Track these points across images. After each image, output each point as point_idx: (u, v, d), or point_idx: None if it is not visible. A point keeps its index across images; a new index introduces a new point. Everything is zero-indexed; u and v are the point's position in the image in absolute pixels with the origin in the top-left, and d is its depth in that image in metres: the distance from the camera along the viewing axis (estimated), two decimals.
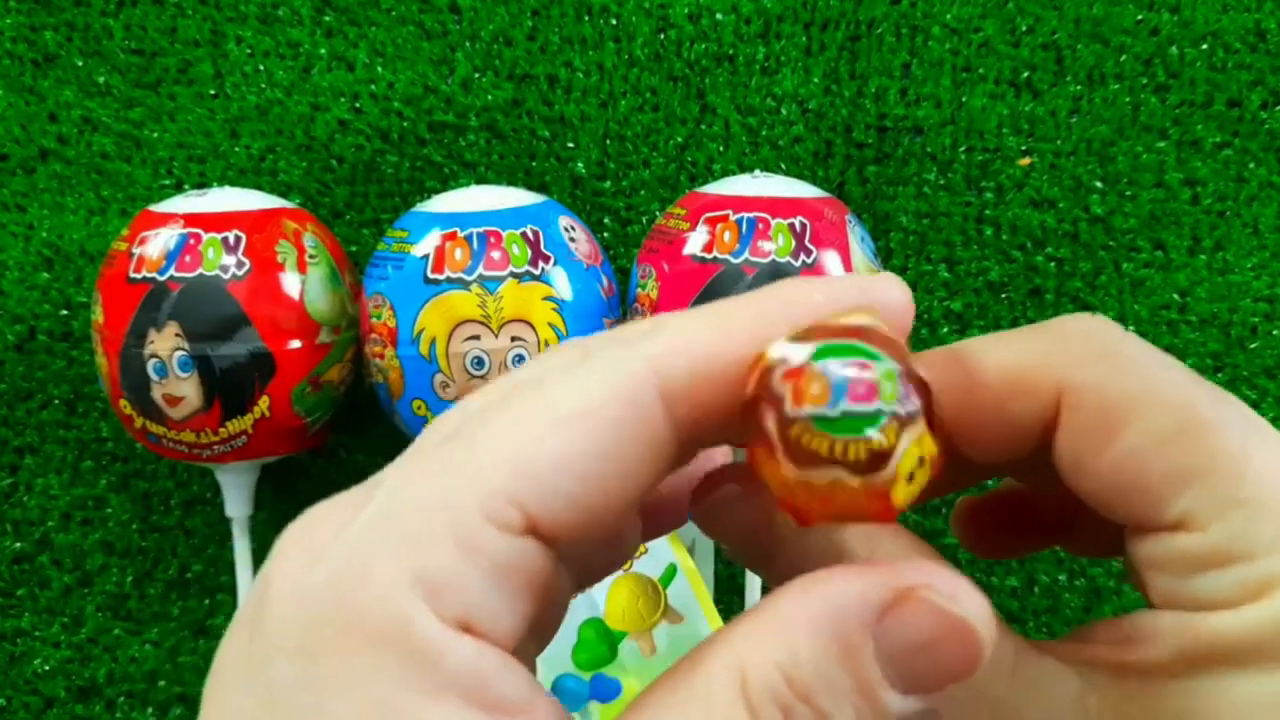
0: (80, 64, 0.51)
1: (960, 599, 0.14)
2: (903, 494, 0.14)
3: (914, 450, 0.14)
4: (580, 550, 0.17)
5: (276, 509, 0.51)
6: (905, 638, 0.14)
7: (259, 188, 0.47)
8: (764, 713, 0.14)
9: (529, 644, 0.19)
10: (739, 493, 0.18)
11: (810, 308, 0.16)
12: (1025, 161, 0.50)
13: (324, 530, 0.15)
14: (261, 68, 0.51)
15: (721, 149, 0.50)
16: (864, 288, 0.16)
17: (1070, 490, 0.17)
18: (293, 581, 0.14)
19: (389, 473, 0.15)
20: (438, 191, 0.47)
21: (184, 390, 0.41)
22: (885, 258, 0.50)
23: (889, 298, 0.16)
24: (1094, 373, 0.16)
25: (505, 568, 0.14)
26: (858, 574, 0.14)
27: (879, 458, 0.14)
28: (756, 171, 0.46)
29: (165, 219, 0.42)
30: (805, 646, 0.14)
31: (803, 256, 0.40)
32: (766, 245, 0.40)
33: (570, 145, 0.51)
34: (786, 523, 0.16)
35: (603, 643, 0.42)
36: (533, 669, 0.20)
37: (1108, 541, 0.18)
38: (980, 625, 0.14)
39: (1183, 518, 0.16)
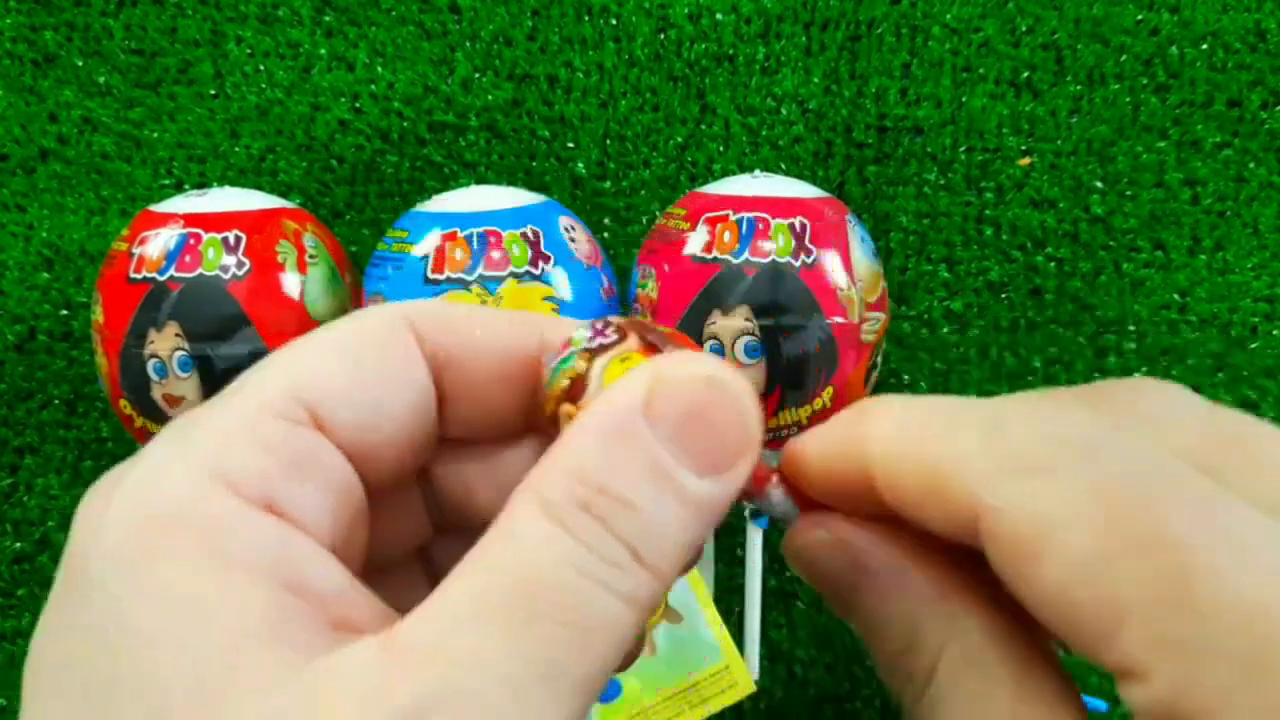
0: (80, 64, 0.51)
1: (704, 362, 0.15)
2: None
3: (617, 369, 0.16)
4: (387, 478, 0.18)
5: None
6: (669, 412, 0.15)
7: (259, 188, 0.47)
8: (567, 516, 0.14)
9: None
10: (829, 540, 0.18)
11: (544, 332, 0.18)
12: (1025, 161, 0.50)
13: (118, 473, 0.15)
14: (261, 68, 0.51)
15: (721, 149, 0.50)
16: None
17: None
18: (90, 519, 0.14)
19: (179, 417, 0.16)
20: (438, 191, 0.47)
21: (184, 390, 0.41)
22: (885, 258, 0.50)
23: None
24: (1006, 493, 0.14)
25: (301, 456, 0.15)
26: (630, 377, 0.15)
27: (577, 385, 0.16)
28: (756, 171, 0.46)
29: (165, 219, 0.42)
30: (589, 448, 0.15)
31: (803, 256, 0.40)
32: (766, 245, 0.40)
33: (570, 145, 0.51)
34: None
35: None
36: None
37: None
38: (727, 378, 0.15)
39: (1123, 664, 0.12)
